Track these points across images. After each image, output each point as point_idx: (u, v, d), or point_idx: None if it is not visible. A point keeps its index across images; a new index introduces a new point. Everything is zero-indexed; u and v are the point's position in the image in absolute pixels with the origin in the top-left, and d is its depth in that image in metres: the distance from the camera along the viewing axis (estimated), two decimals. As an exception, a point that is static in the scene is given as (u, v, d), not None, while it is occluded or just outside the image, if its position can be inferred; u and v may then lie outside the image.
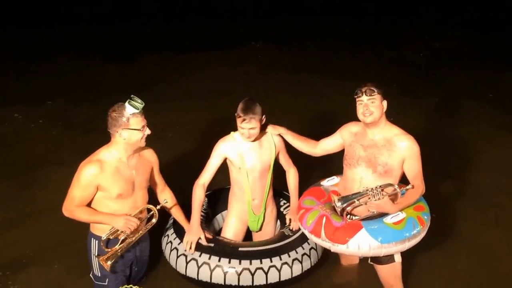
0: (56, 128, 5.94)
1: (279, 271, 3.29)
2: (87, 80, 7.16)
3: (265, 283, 3.28)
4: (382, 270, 3.35)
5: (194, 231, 3.37)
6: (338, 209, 3.22)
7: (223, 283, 3.27)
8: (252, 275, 3.25)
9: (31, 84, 7.21)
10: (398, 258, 3.29)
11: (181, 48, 8.74)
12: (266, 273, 3.27)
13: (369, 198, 3.16)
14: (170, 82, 7.38)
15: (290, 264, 3.33)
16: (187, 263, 3.33)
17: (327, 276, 3.71)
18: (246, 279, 3.26)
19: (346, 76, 6.90)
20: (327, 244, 3.19)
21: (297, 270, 3.36)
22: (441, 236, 4.02)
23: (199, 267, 3.29)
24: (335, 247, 3.17)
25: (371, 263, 3.36)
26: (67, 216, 3.10)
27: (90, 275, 3.28)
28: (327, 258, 3.68)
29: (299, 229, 3.46)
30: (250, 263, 3.26)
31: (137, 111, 2.98)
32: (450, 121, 6.17)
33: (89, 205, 3.09)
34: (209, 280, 3.28)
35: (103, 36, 9.50)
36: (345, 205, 3.20)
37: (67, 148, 5.30)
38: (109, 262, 3.05)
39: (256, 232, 3.75)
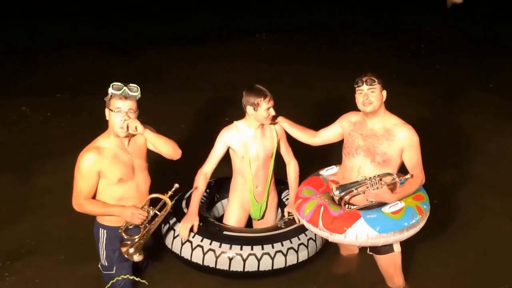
0: (65, 121, 5.81)
1: (272, 259, 3.19)
2: (94, 72, 7.00)
3: (256, 269, 3.19)
4: (382, 260, 3.24)
5: (191, 217, 3.31)
6: (336, 198, 3.11)
7: (214, 267, 3.21)
8: (244, 261, 3.17)
9: (37, 77, 7.04)
10: (397, 248, 3.17)
11: (185, 40, 8.59)
12: (259, 260, 3.17)
13: (367, 187, 3.04)
14: (175, 74, 7.23)
15: (285, 253, 3.22)
16: (182, 244, 3.28)
17: (326, 266, 3.59)
18: (237, 265, 3.18)
19: (346, 65, 6.72)
20: (325, 234, 3.08)
21: (292, 259, 3.25)
22: (442, 225, 3.90)
23: (192, 249, 3.24)
24: (333, 237, 3.06)
25: (370, 253, 3.24)
26: (78, 210, 3.03)
27: (99, 265, 3.21)
28: (327, 248, 3.56)
29: (294, 221, 3.37)
30: (241, 249, 3.19)
31: (117, 92, 2.90)
32: (450, 111, 6.01)
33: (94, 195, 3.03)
34: (201, 263, 3.23)
35: (109, 27, 9.33)
36: (343, 193, 3.09)
37: (77, 140, 5.10)
38: (131, 252, 2.97)
39: (258, 220, 3.65)
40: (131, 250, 2.97)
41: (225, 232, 3.28)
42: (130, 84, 2.94)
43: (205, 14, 10.19)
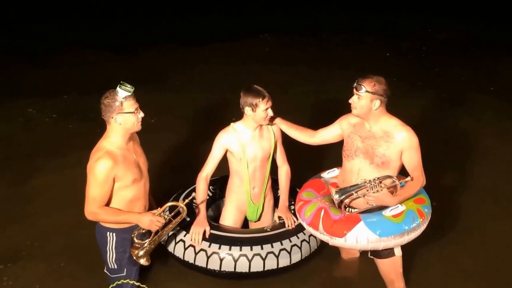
0: (71, 122, 5.70)
1: (263, 260, 3.13)
2: (98, 73, 6.90)
3: (247, 270, 3.13)
4: (382, 264, 3.13)
5: (200, 223, 3.23)
6: (336, 202, 3.01)
7: (205, 266, 3.16)
8: (235, 261, 3.12)
9: (42, 78, 6.92)
10: (398, 252, 3.07)
11: (189, 41, 8.49)
12: (250, 261, 3.12)
13: (367, 190, 2.94)
14: (179, 75, 7.14)
15: (277, 254, 3.16)
16: (176, 243, 3.24)
17: (327, 270, 3.51)
18: (228, 265, 3.13)
19: (348, 68, 6.61)
20: (325, 237, 2.99)
21: (284, 261, 3.19)
22: (443, 229, 3.80)
23: (185, 249, 3.19)
24: (333, 241, 2.96)
25: (371, 257, 3.14)
26: (91, 219, 2.90)
27: (105, 270, 3.08)
28: (327, 251, 3.48)
29: (283, 225, 3.31)
30: (230, 249, 3.14)
31: (129, 94, 2.81)
32: (450, 114, 5.90)
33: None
34: (193, 262, 3.18)
35: (112, 28, 9.23)
36: (342, 197, 2.99)
37: (83, 141, 5.02)
38: (141, 255, 2.91)
39: (254, 222, 3.56)
40: (141, 253, 2.91)
41: (216, 232, 3.22)
42: (124, 83, 2.84)
43: (209, 15, 10.11)
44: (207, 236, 3.19)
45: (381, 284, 3.23)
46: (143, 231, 2.99)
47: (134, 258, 2.93)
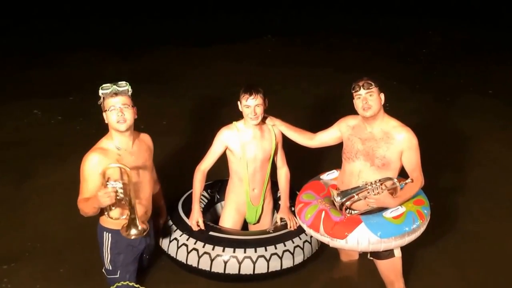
0: (78, 124, 5.67)
1: (267, 261, 3.12)
2: (102, 75, 6.76)
3: (252, 272, 3.11)
4: (382, 266, 3.11)
5: (195, 215, 3.26)
6: (337, 204, 3.00)
7: (209, 269, 3.14)
8: (240, 263, 3.11)
9: (48, 80, 6.89)
10: (398, 253, 3.05)
11: (191, 42, 8.49)
12: (254, 263, 3.10)
13: (368, 193, 2.93)
14: (182, 75, 7.13)
15: (280, 255, 3.15)
16: (178, 247, 3.22)
17: (326, 272, 3.49)
18: (233, 267, 3.12)
19: (349, 71, 6.55)
20: (326, 239, 2.98)
21: (287, 263, 3.19)
22: (441, 230, 3.78)
23: (188, 253, 3.17)
24: (334, 242, 2.95)
25: (371, 258, 3.13)
26: (81, 214, 2.85)
27: (103, 270, 3.09)
28: (326, 254, 3.46)
29: (285, 227, 3.30)
30: (234, 251, 3.12)
31: (107, 91, 2.81)
32: (449, 117, 5.88)
33: None
34: (196, 265, 3.16)
35: (117, 29, 9.22)
36: (344, 199, 2.99)
37: (89, 142, 5.05)
38: (133, 232, 2.76)
39: (254, 224, 3.54)
40: (133, 231, 2.75)
41: (219, 235, 3.21)
42: (119, 82, 2.85)
43: (212, 16, 10.11)
44: (202, 227, 3.21)
45: (381, 285, 3.21)
46: (114, 208, 2.82)
47: (131, 237, 2.78)
